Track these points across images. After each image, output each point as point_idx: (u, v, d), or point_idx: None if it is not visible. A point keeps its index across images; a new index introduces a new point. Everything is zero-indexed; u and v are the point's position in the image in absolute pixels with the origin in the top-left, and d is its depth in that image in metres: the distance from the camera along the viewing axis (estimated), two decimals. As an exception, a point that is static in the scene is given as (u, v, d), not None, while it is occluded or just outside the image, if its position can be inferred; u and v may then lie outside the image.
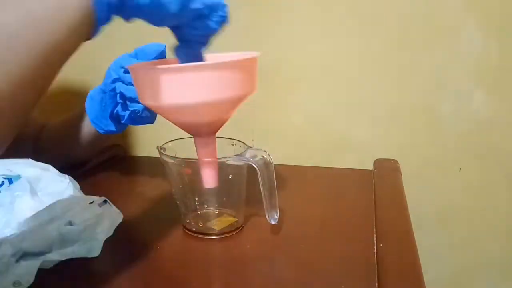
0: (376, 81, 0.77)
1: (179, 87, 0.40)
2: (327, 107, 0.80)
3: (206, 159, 0.47)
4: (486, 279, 0.81)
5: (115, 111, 0.61)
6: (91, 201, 0.44)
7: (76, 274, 0.44)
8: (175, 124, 0.45)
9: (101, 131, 0.64)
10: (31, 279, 0.41)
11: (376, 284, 0.41)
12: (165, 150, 0.51)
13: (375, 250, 0.46)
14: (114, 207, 0.45)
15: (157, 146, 0.51)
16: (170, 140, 0.52)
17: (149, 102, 0.42)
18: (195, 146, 0.47)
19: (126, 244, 0.49)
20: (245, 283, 0.44)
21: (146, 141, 0.87)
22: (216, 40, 0.43)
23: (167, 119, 0.44)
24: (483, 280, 0.81)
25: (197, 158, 0.48)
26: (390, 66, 0.75)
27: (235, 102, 0.43)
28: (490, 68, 0.72)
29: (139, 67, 0.44)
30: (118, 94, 0.59)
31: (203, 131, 0.46)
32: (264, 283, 0.43)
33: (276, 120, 0.83)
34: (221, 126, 0.46)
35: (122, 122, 0.62)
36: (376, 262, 0.44)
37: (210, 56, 0.44)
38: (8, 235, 0.41)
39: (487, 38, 0.70)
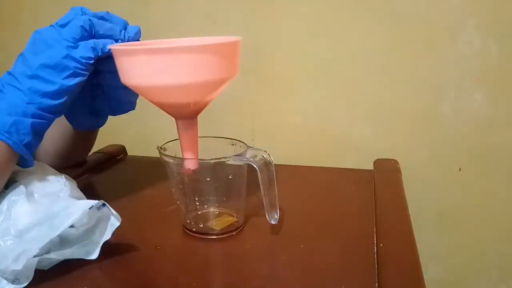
0: (376, 81, 0.77)
1: (162, 68, 0.40)
2: (327, 107, 0.80)
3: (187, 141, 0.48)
4: (486, 279, 0.81)
5: (93, 105, 0.59)
6: (90, 206, 0.43)
7: (75, 274, 0.44)
8: (157, 106, 0.45)
9: (82, 129, 0.63)
10: (30, 276, 0.41)
11: (376, 284, 0.41)
12: (165, 150, 0.51)
13: (375, 250, 0.46)
14: (113, 211, 0.45)
15: (157, 146, 0.51)
16: (170, 140, 0.52)
17: (131, 82, 0.43)
18: (177, 129, 0.47)
19: (126, 244, 0.49)
20: (245, 283, 0.44)
21: (146, 141, 0.87)
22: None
23: (149, 100, 0.45)
24: (482, 280, 0.81)
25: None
26: (390, 66, 0.75)
27: (215, 85, 0.43)
28: (490, 68, 0.72)
29: (122, 47, 0.44)
30: (94, 86, 0.56)
31: (185, 113, 0.46)
32: (264, 283, 0.43)
33: (276, 120, 0.83)
34: (202, 108, 0.46)
35: (103, 114, 0.60)
36: (376, 262, 0.44)
37: (192, 39, 0.45)
38: (8, 244, 0.41)
39: (487, 38, 0.70)
